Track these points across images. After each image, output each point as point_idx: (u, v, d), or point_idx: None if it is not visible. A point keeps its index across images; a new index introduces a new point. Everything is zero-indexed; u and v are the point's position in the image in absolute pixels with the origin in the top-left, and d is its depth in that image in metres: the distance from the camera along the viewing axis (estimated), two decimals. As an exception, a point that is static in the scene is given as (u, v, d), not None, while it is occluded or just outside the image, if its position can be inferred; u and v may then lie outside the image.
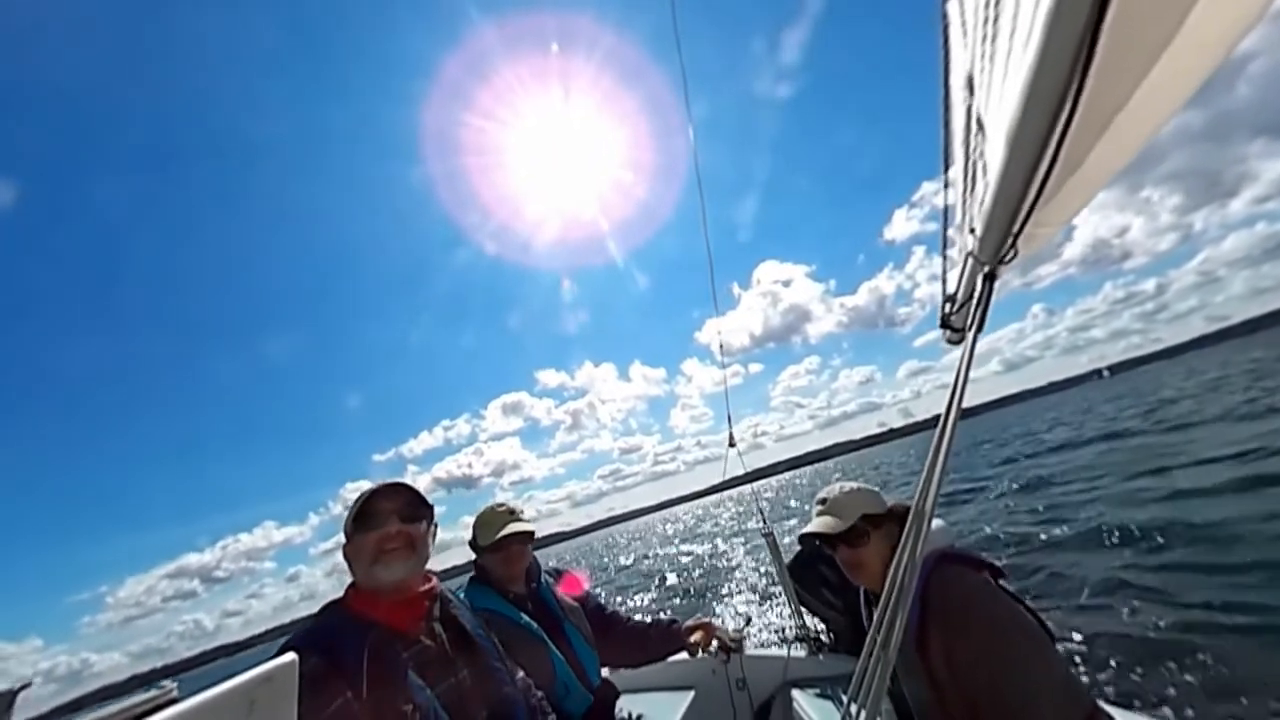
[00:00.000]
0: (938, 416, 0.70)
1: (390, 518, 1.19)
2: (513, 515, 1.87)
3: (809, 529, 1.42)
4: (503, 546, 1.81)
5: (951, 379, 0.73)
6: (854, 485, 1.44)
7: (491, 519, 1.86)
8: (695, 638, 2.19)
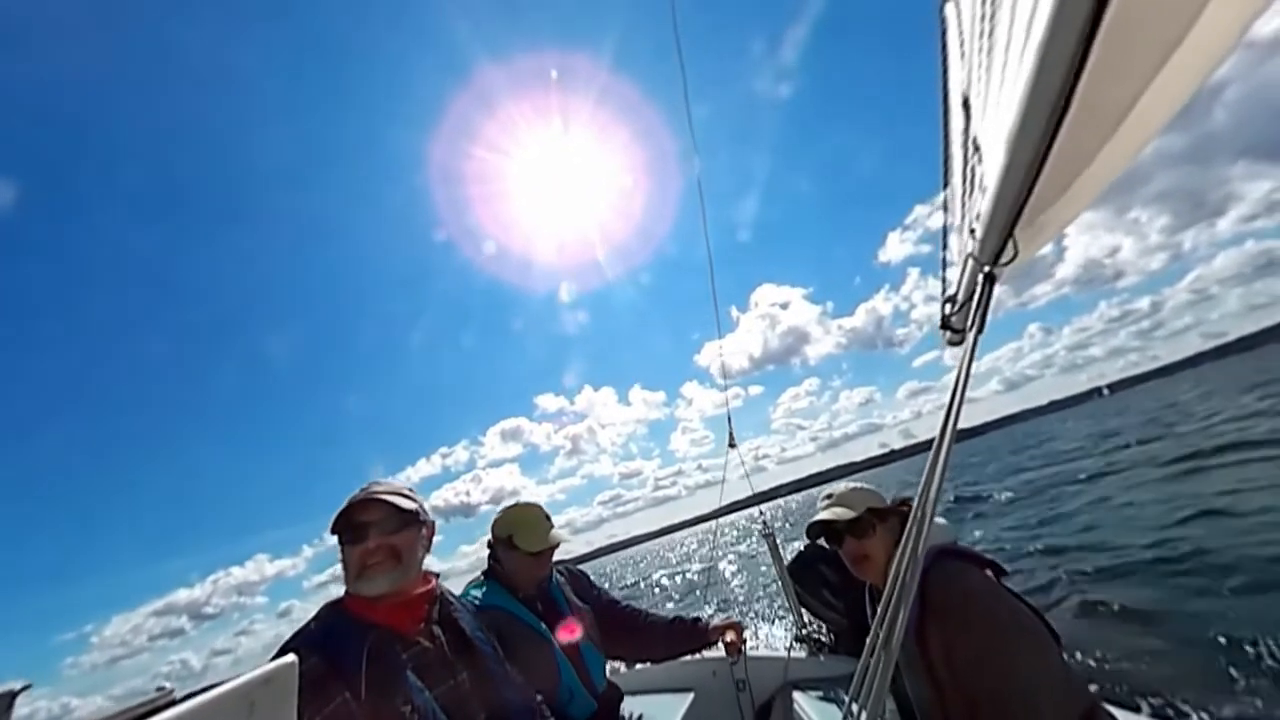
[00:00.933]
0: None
1: (369, 531, 1.18)
2: (549, 520, 1.83)
3: (818, 517, 1.44)
4: (543, 553, 1.77)
5: (952, 379, 0.73)
6: (859, 484, 1.49)
7: (535, 522, 1.80)
8: (730, 637, 2.17)
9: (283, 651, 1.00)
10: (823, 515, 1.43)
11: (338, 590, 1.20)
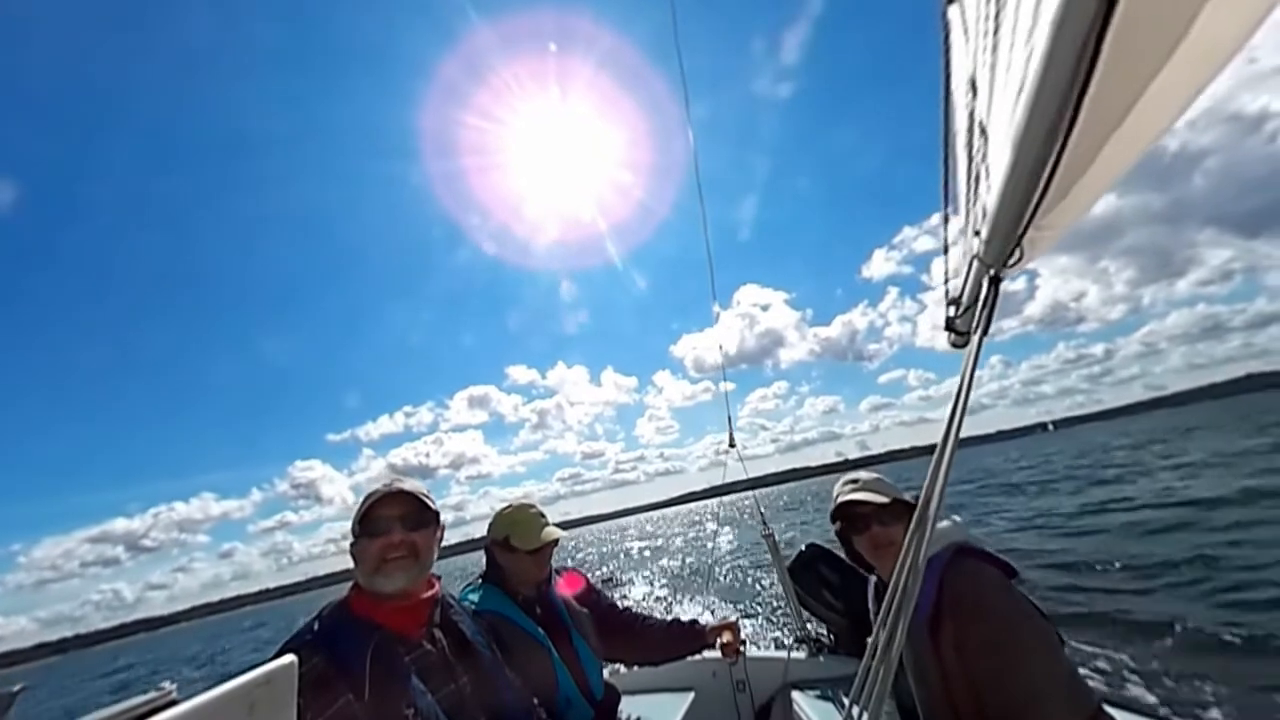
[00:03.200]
0: (892, 452, 0.70)
1: (393, 525, 1.18)
2: (544, 518, 1.82)
3: (851, 497, 1.39)
4: (541, 550, 1.77)
5: (957, 381, 0.73)
6: (878, 475, 1.44)
7: (528, 521, 1.79)
8: (726, 638, 2.15)
9: (284, 650, 1.00)
10: (858, 495, 1.39)
11: (282, 537, 1.19)
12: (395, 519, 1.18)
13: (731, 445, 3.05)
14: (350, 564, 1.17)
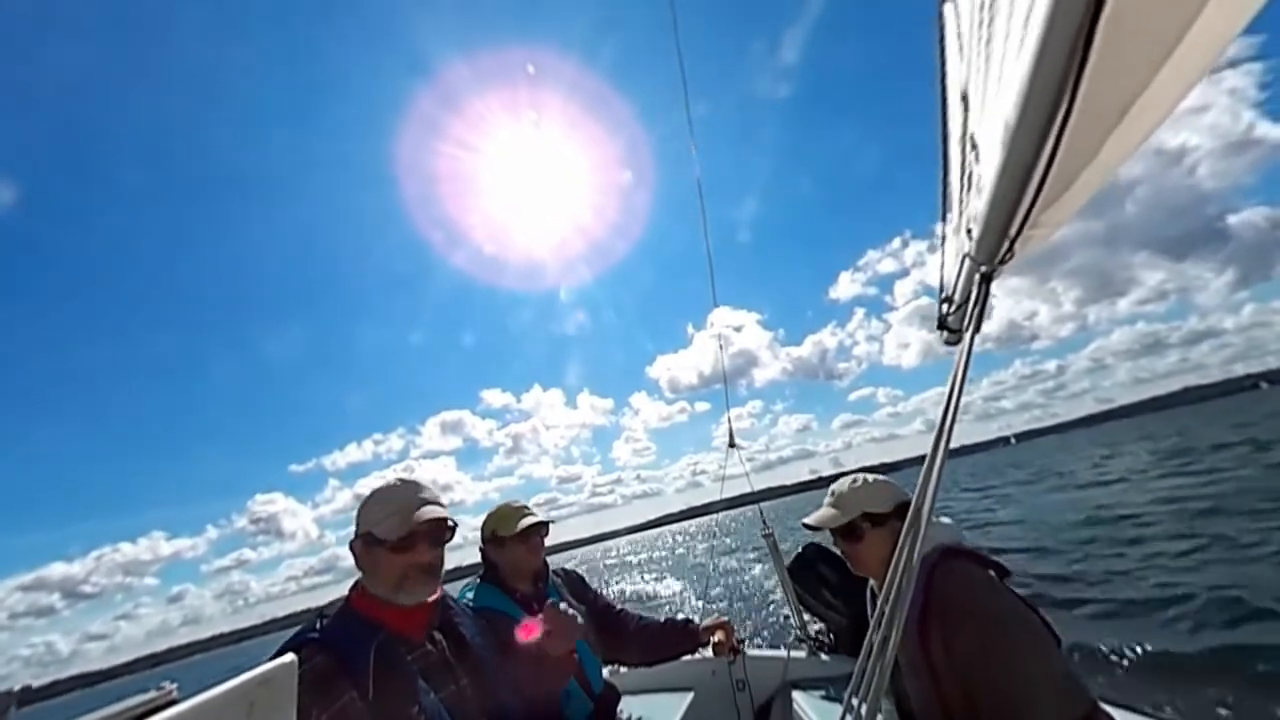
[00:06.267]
0: (865, 468, 0.71)
1: (426, 543, 1.20)
2: (527, 510, 1.90)
3: (807, 520, 1.46)
4: (527, 537, 1.82)
5: (949, 380, 0.73)
6: (867, 478, 1.44)
7: (510, 514, 1.87)
8: (718, 637, 2.17)
9: (287, 648, 1.01)
10: (812, 519, 1.45)
11: (239, 576, 1.16)
12: (424, 535, 1.20)
13: (732, 445, 3.02)
14: (314, 603, 1.16)
